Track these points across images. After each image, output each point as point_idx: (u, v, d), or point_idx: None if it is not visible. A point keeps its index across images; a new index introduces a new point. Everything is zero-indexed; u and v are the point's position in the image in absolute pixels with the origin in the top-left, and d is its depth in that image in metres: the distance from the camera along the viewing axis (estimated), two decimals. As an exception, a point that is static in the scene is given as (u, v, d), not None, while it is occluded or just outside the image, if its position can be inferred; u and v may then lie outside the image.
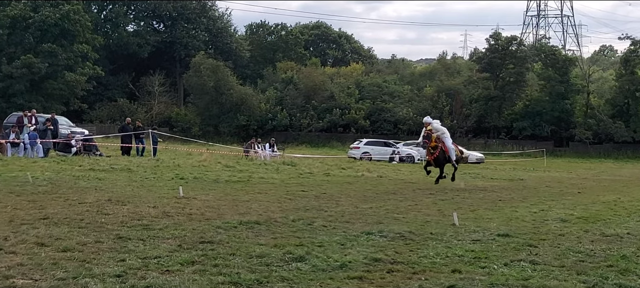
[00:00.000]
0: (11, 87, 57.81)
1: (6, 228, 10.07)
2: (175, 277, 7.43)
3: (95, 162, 27.07)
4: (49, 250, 8.57)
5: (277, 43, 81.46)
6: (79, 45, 61.08)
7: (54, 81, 59.45)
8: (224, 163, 28.54)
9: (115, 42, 71.95)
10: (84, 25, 61.88)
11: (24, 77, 57.64)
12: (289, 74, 70.27)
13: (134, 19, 76.09)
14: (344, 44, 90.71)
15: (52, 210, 12.22)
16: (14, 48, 61.01)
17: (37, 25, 59.76)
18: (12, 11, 58.73)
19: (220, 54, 73.43)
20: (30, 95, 58.05)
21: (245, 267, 7.99)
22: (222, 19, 79.20)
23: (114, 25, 73.14)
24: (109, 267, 7.72)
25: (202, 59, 66.13)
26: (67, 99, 61.50)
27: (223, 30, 77.78)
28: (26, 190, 15.72)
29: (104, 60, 67.52)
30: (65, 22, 59.73)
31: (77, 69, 60.83)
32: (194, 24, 74.87)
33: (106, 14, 74.17)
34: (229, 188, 18.39)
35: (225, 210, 13.27)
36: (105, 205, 13.32)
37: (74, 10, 60.36)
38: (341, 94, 67.38)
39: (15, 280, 6.97)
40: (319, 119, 65.73)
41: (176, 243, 9.32)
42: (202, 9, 75.64)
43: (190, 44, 72.80)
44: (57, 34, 60.25)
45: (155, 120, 62.29)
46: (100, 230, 10.21)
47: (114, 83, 69.74)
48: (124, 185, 18.06)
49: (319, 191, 18.41)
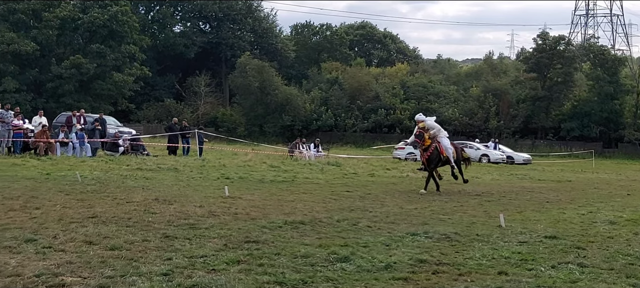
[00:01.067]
0: (61, 87, 58.74)
1: (56, 227, 10.23)
2: (221, 276, 7.46)
3: (142, 161, 27.35)
4: (97, 249, 8.68)
5: (322, 43, 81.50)
6: (126, 46, 61.81)
7: (103, 81, 60.25)
8: (269, 164, 28.64)
9: (162, 43, 72.66)
10: (131, 26, 62.60)
11: (73, 78, 58.52)
12: (334, 74, 70.26)
13: (181, 20, 76.79)
14: (389, 44, 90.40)
15: (101, 209, 12.38)
16: (64, 49, 62.00)
17: (86, 26, 60.62)
18: (61, 12, 59.67)
19: (266, 54, 73.72)
20: (79, 95, 58.91)
21: (290, 267, 8.00)
22: (267, 19, 79.51)
23: (161, 26, 73.88)
24: (156, 266, 7.79)
25: (248, 59, 66.47)
26: (115, 99, 62.29)
27: (268, 31, 78.09)
28: (75, 189, 15.96)
29: (151, 60, 68.24)
30: (113, 23, 60.49)
31: (125, 70, 61.56)
32: (240, 24, 75.26)
33: (153, 15, 74.96)
34: (274, 188, 18.45)
35: (270, 210, 13.32)
36: (152, 204, 13.46)
37: (122, 12, 61.11)
38: (386, 94, 67.18)
39: (64, 278, 7.07)
40: (363, 119, 65.64)
41: (222, 243, 9.37)
42: (248, 9, 76.02)
43: (236, 44, 73.21)
44: (105, 34, 61.05)
45: (201, 120, 62.78)
46: (148, 229, 10.32)
47: (161, 83, 70.45)
48: (171, 184, 18.23)
49: (363, 191, 18.38)
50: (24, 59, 58.46)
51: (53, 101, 58.20)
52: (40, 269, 7.38)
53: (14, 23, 59.41)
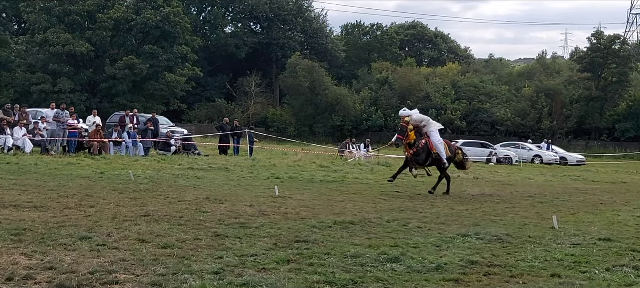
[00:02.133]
0: (114, 88, 59.65)
1: (110, 225, 10.40)
2: (271, 275, 7.50)
3: (194, 161, 27.63)
4: (150, 247, 8.80)
5: (373, 43, 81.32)
6: (179, 47, 62.49)
7: (155, 82, 60.99)
8: (318, 164, 28.68)
9: (213, 44, 73.28)
10: (183, 28, 63.26)
11: (126, 78, 59.37)
12: (384, 74, 70.07)
13: (232, 21, 77.33)
14: (440, 44, 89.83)
15: (153, 208, 12.54)
16: (117, 50, 62.95)
17: (139, 27, 61.44)
18: (115, 14, 60.58)
19: (316, 54, 73.85)
20: (133, 95, 59.75)
21: (340, 267, 8.00)
22: (318, 19, 79.66)
23: (212, 27, 74.53)
24: (208, 264, 7.86)
25: (298, 60, 66.68)
26: (168, 99, 63.00)
27: (319, 31, 78.22)
28: (128, 188, 16.19)
29: (203, 61, 68.86)
30: (166, 25, 61.20)
31: (177, 70, 62.22)
32: (291, 25, 75.52)
33: (205, 16, 75.67)
34: (324, 188, 18.48)
35: (320, 210, 13.34)
36: (204, 203, 13.60)
37: (174, 13, 61.79)
38: (437, 95, 66.75)
39: (117, 275, 7.18)
40: (414, 119, 65.29)
41: (272, 242, 9.42)
42: (299, 10, 76.25)
43: (286, 45, 73.48)
44: (158, 36, 61.81)
45: (251, 120, 63.19)
46: (199, 228, 10.42)
47: (212, 84, 71.05)
48: (222, 184, 18.38)
49: (413, 192, 18.31)
50: (79, 59, 59.51)
51: (107, 101, 59.12)
52: (95, 266, 7.50)
53: (69, 24, 60.50)
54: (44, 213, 11.46)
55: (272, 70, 75.19)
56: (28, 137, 28.80)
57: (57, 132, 29.50)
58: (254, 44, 73.60)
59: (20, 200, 12.85)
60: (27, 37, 63.13)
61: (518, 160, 43.06)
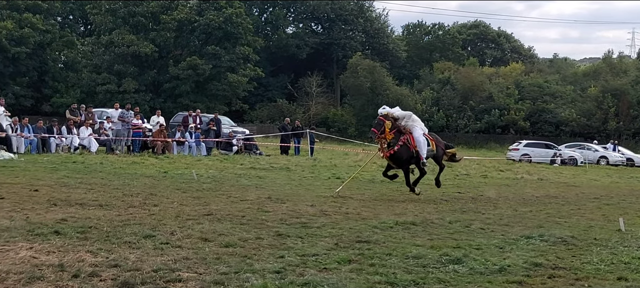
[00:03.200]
0: (177, 88, 60.39)
1: (173, 223, 10.53)
2: (332, 274, 7.49)
3: (255, 160, 27.83)
4: (213, 245, 8.87)
5: (434, 43, 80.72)
6: (241, 47, 62.94)
7: (218, 82, 61.55)
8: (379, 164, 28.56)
9: (275, 44, 73.64)
10: (245, 28, 63.70)
11: (189, 79, 60.06)
12: (446, 74, 69.49)
13: (293, 21, 77.61)
14: (503, 44, 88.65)
15: (216, 207, 12.66)
16: (180, 50, 63.75)
17: (202, 28, 62.09)
18: (178, 15, 61.34)
19: (377, 54, 73.61)
20: (195, 95, 60.40)
21: (402, 268, 7.95)
22: (379, 19, 79.37)
23: (274, 27, 74.91)
24: (269, 263, 7.89)
25: (359, 59, 66.57)
26: (230, 99, 63.52)
27: (380, 31, 77.92)
28: (191, 187, 16.39)
29: (265, 61, 69.27)
30: (228, 25, 61.71)
31: (239, 71, 62.67)
32: (352, 25, 75.41)
33: (267, 16, 76.09)
34: (385, 188, 18.42)
35: (381, 210, 13.30)
36: (265, 202, 13.68)
37: (236, 14, 62.27)
38: (500, 95, 65.88)
39: (180, 273, 7.26)
40: (476, 119, 64.66)
41: (333, 242, 9.41)
42: (360, 10, 76.10)
43: (347, 45, 73.41)
44: (220, 36, 62.36)
45: (312, 120, 63.31)
46: (261, 227, 10.48)
47: (273, 84, 71.42)
48: (283, 183, 18.47)
49: (476, 193, 18.11)
50: (143, 60, 60.45)
51: (170, 101, 59.90)
52: (158, 264, 7.59)
53: (134, 26, 61.49)
54: (109, 211, 11.66)
55: (332, 70, 75.21)
56: (93, 136, 29.40)
57: (122, 131, 30.06)
58: (315, 44, 73.70)
59: (86, 199, 13.11)
60: (93, 38, 64.40)
61: (583, 161, 42.23)
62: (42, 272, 7.03)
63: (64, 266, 7.32)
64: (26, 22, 57.71)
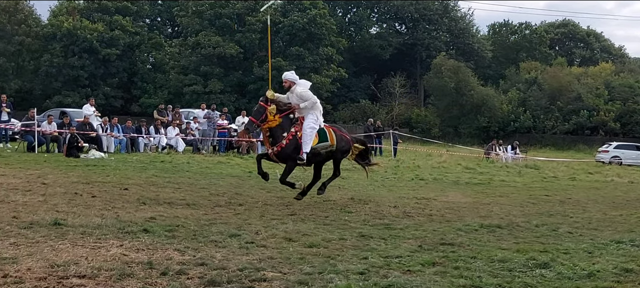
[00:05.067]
0: (262, 89, 61.01)
1: (258, 223, 10.65)
2: (416, 277, 7.45)
3: (338, 161, 27.83)
4: (297, 245, 8.94)
5: (521, 42, 79.33)
6: (324, 48, 63.24)
7: (301, 83, 61.96)
8: (464, 165, 28.30)
9: (358, 45, 73.68)
10: (329, 29, 63.98)
11: (273, 79, 60.63)
12: (532, 74, 68.19)
13: (377, 22, 77.48)
14: (592, 43, 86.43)
15: (299, 207, 12.76)
16: (265, 52, 64.44)
17: (286, 29, 62.66)
18: (263, 16, 62.05)
19: (462, 54, 72.84)
20: (279, 96, 60.96)
21: (487, 271, 7.84)
22: (464, 19, 78.52)
23: (357, 28, 74.97)
24: (353, 264, 7.89)
25: (443, 60, 65.99)
26: (313, 100, 63.84)
27: (465, 31, 77.09)
28: (275, 187, 16.51)
29: (348, 62, 69.38)
30: (312, 26, 62.10)
31: (322, 71, 62.99)
32: (436, 25, 74.85)
33: (350, 17, 76.19)
34: (469, 190, 18.21)
35: (465, 212, 13.15)
36: (348, 203, 13.70)
37: (320, 15, 62.61)
38: (589, 95, 64.22)
39: (265, 273, 7.33)
40: (564, 120, 63.25)
41: (417, 244, 9.36)
42: (444, 10, 75.45)
43: (431, 45, 72.89)
44: (304, 37, 62.80)
45: (395, 121, 63.12)
46: (344, 228, 10.51)
47: (356, 84, 71.45)
48: (366, 184, 18.44)
49: (563, 196, 17.71)
50: (229, 61, 61.36)
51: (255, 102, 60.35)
52: (244, 263, 7.69)
53: (220, 27, 62.49)
54: (196, 210, 11.88)
55: (416, 70, 74.76)
56: (180, 136, 29.97)
57: (208, 131, 30.57)
58: (399, 44, 73.42)
59: (173, 198, 13.38)
60: (180, 40, 65.78)
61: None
62: (132, 269, 7.21)
63: (153, 264, 7.49)
64: (116, 25, 59.42)
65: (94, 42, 56.86)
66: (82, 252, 7.94)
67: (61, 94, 56.28)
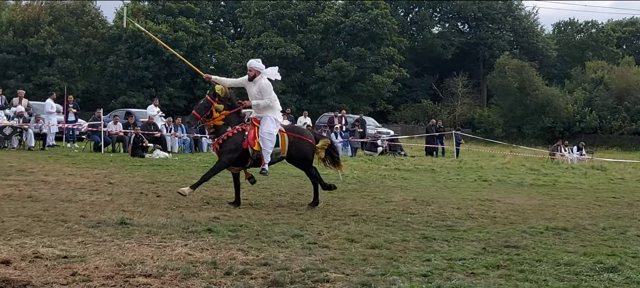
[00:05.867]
0: (323, 89, 61.25)
1: (320, 223, 10.67)
2: (480, 279, 7.36)
3: (400, 161, 27.78)
4: (359, 246, 8.92)
5: (587, 41, 77.87)
6: (385, 48, 63.09)
7: (363, 83, 61.97)
8: (528, 166, 27.89)
9: (420, 44, 73.33)
10: (391, 29, 63.80)
11: (335, 80, 60.79)
12: (599, 73, 66.82)
13: (439, 21, 76.98)
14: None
15: (361, 208, 12.74)
16: (326, 52, 64.63)
17: (348, 30, 62.68)
18: (325, 17, 62.23)
19: (526, 53, 71.84)
20: (341, 96, 61.06)
21: (553, 275, 7.70)
22: (528, 18, 77.44)
23: (419, 27, 74.60)
24: (416, 266, 7.84)
25: (507, 59, 65.17)
26: (374, 100, 63.82)
27: (529, 30, 76.00)
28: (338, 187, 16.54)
29: (409, 62, 69.08)
30: (373, 26, 62.01)
31: (384, 71, 62.86)
32: (499, 24, 73.99)
33: (412, 16, 75.86)
34: (534, 191, 17.93)
35: (530, 214, 12.95)
36: (411, 204, 13.62)
37: (382, 14, 62.49)
38: (657, 95, 62.72)
39: (328, 274, 7.33)
40: (631, 121, 61.83)
41: (481, 246, 9.25)
42: (508, 8, 74.53)
43: (494, 44, 72.09)
44: (365, 37, 62.73)
45: (457, 121, 62.62)
46: (406, 229, 10.45)
47: (418, 84, 71.12)
48: (428, 185, 18.33)
49: (632, 198, 17.29)
50: (290, 62, 61.65)
51: (316, 102, 60.82)
52: (307, 264, 7.71)
53: (282, 28, 62.85)
54: (258, 210, 11.96)
55: (479, 70, 74.02)
56: (243, 136, 30.18)
57: (271, 132, 30.75)
58: (461, 43, 72.81)
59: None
60: (242, 41, 66.38)
61: None
62: (197, 269, 7.29)
63: (217, 263, 7.56)
64: (180, 26, 60.26)
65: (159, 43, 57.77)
66: (148, 251, 8.07)
67: (126, 95, 57.31)
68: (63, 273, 6.94)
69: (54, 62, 57.25)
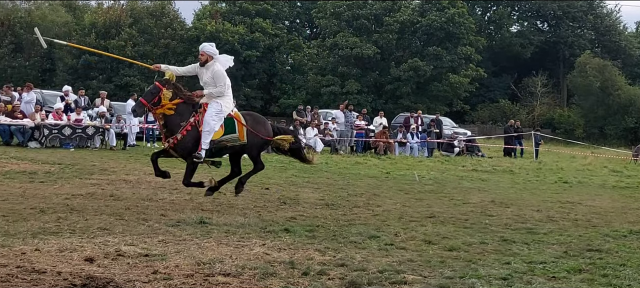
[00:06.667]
0: (398, 89, 60.97)
1: (397, 224, 10.62)
2: (562, 284, 7.22)
3: (477, 162, 27.48)
4: (436, 248, 8.84)
5: (670, 39, 75.61)
6: (462, 48, 62.41)
7: (438, 83, 61.48)
8: (610, 168, 27.21)
9: (497, 44, 72.26)
10: (468, 28, 63.08)
11: (410, 80, 60.46)
12: (683, 71, 64.77)
13: (518, 20, 75.72)
14: None
15: (438, 209, 12.62)
16: (402, 52, 64.28)
17: (424, 29, 62.25)
18: (401, 16, 61.94)
19: (608, 52, 69.98)
20: (416, 96, 60.69)
21: (637, 280, 7.48)
22: (610, 16, 75.46)
23: (497, 26, 73.49)
24: (495, 269, 7.73)
25: (588, 58, 63.63)
26: (450, 100, 63.23)
27: (611, 28, 74.00)
28: (413, 188, 16.47)
29: (487, 61, 68.15)
30: (450, 26, 61.45)
31: (461, 71, 62.24)
32: (580, 22, 72.30)
33: (490, 15, 74.80)
34: (616, 194, 17.49)
35: (612, 217, 12.62)
36: (489, 206, 13.44)
37: (458, 14, 61.84)
38: None
39: (405, 276, 7.29)
40: None
41: (562, 250, 9.05)
42: (589, 7, 72.78)
43: (575, 43, 70.48)
44: (442, 37, 62.19)
45: (537, 121, 61.51)
46: (485, 232, 10.30)
47: (495, 84, 70.10)
48: (507, 187, 18.07)
49: None
50: (366, 62, 61.58)
51: (391, 102, 60.60)
52: (384, 265, 7.68)
53: (357, 28, 62.82)
54: (335, 211, 11.98)
55: (558, 69, 72.48)
56: (319, 136, 30.34)
57: (345, 132, 30.80)
58: (540, 42, 71.40)
59: (313, 198, 13.55)
60: (318, 41, 66.58)
61: None
62: (275, 269, 7.34)
63: (295, 263, 7.60)
64: (257, 27, 60.87)
65: (236, 44, 58.43)
66: (227, 251, 8.17)
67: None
68: (145, 271, 7.09)
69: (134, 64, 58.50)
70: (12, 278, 6.56)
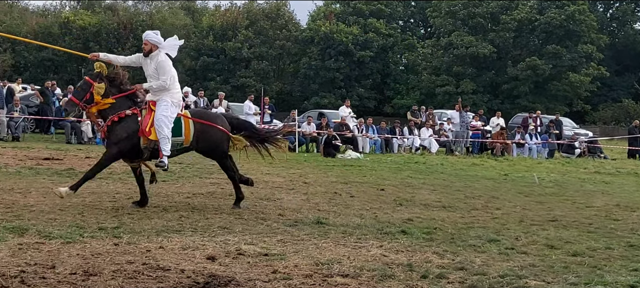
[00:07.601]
0: (516, 89, 59.72)
1: (517, 228, 10.35)
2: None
3: (600, 164, 26.59)
4: (559, 253, 8.56)
5: None
6: (583, 46, 60.56)
7: (558, 82, 59.88)
8: None
9: (621, 41, 69.71)
10: (589, 25, 61.14)
11: (528, 79, 59.10)
12: None
13: (642, 16, 72.89)
14: None
15: (560, 213, 12.24)
16: (519, 50, 62.92)
17: (542, 27, 60.73)
18: (518, 14, 60.63)
19: None
20: (534, 96, 59.29)
21: None
22: None
23: (620, 23, 70.92)
24: (622, 276, 7.40)
25: None
26: (571, 100, 61.46)
27: None
28: (533, 191, 16.04)
29: (609, 60, 65.82)
30: (570, 23, 59.72)
31: (581, 70, 60.41)
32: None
33: (612, 12, 72.25)
34: None
35: None
36: (614, 210, 12.93)
37: (579, 11, 60.03)
38: None
39: (528, 281, 7.09)
40: None
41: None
42: None
43: None
44: (561, 35, 60.54)
45: (662, 121, 59.00)
46: (610, 236, 9.90)
47: (618, 83, 67.63)
48: (632, 190, 17.37)
49: None
50: (481, 61, 60.63)
51: (508, 102, 59.44)
52: (504, 270, 7.49)
53: (473, 27, 61.96)
54: (452, 213, 11.80)
55: (686, 67, 69.36)
56: (434, 137, 30.06)
57: (460, 132, 30.39)
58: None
59: (429, 199, 13.40)
60: (432, 41, 66.00)
61: None
62: (393, 271, 7.28)
63: (413, 266, 7.52)
64: (370, 27, 60.93)
65: (349, 44, 58.69)
66: (344, 251, 8.16)
67: (318, 96, 58.64)
68: (264, 270, 7.17)
69: (250, 65, 59.65)
70: (139, 275, 6.76)
